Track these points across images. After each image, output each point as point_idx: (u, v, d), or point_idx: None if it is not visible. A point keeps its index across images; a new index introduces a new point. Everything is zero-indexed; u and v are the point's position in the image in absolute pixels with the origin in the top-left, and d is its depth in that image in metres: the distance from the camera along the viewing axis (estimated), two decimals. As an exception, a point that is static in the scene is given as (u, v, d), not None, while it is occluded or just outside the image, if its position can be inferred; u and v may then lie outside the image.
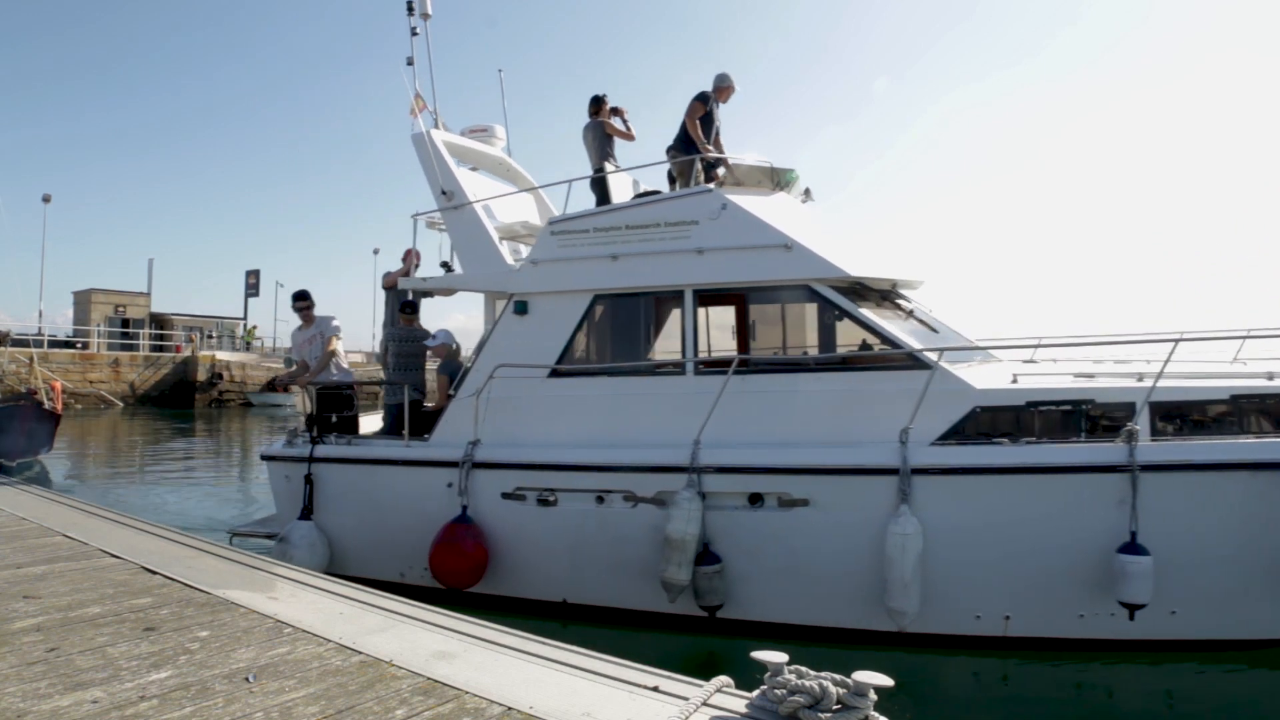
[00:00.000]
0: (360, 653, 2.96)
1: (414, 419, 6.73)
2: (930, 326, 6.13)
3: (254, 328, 43.77)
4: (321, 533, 6.44)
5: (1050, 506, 4.97)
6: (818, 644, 5.33)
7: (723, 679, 2.56)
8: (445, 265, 7.66)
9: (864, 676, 2.26)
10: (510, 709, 2.44)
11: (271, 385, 37.69)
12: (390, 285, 7.92)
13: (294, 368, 7.46)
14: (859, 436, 5.36)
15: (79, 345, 36.72)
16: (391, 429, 6.97)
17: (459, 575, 5.85)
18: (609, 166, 7.27)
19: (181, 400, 35.05)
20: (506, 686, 2.62)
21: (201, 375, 35.87)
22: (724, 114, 7.23)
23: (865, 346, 5.84)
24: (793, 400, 5.66)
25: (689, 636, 5.75)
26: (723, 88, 7.05)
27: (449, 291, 7.61)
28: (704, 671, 2.70)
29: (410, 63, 7.42)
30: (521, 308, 6.42)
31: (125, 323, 41.64)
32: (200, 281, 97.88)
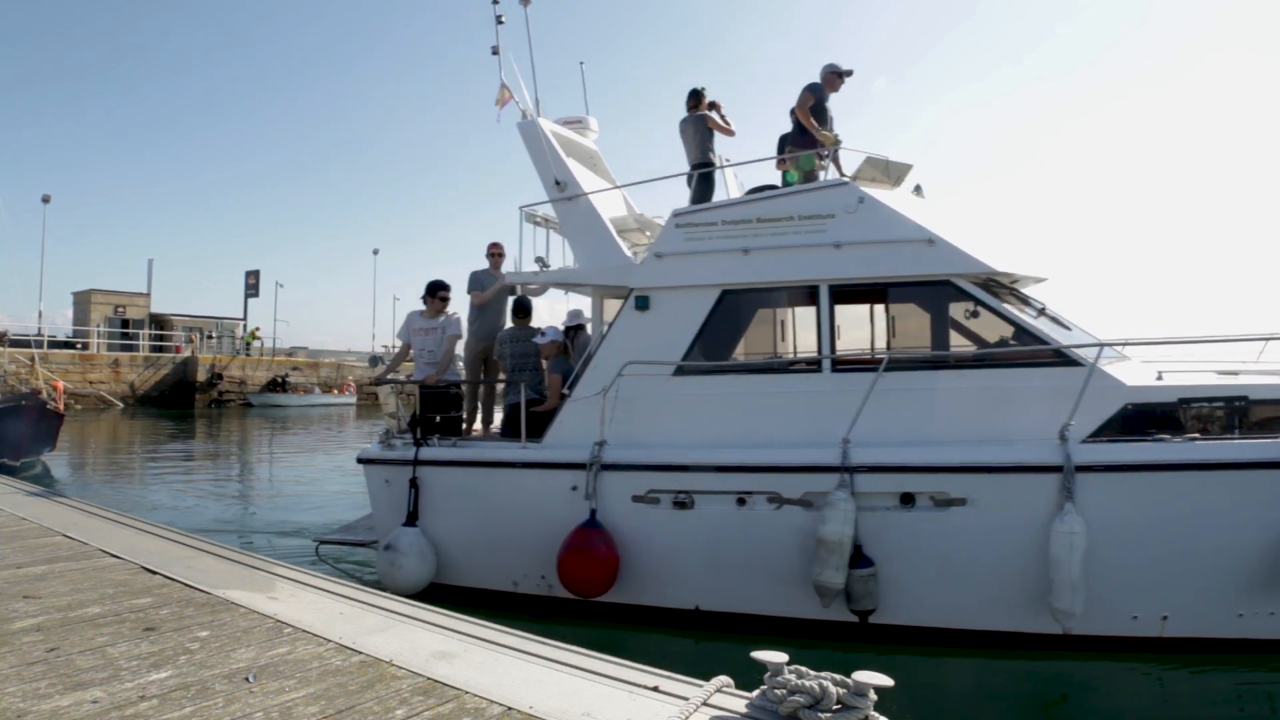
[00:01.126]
0: (360, 653, 2.96)
1: (516, 421, 6.48)
2: (1061, 323, 5.97)
3: (256, 329, 43.74)
4: (428, 540, 6.12)
5: (1211, 504, 4.88)
6: (818, 644, 5.32)
7: (723, 679, 2.56)
8: (540, 261, 7.34)
9: (864, 676, 2.26)
10: (510, 709, 2.44)
11: (273, 385, 37.77)
12: (480, 301, 7.53)
13: (378, 363, 7.10)
14: (1006, 434, 5.24)
15: (79, 346, 36.76)
16: (504, 432, 6.69)
17: (592, 583, 5.58)
18: (714, 160, 7.14)
19: (181, 401, 35.07)
20: (506, 686, 2.62)
21: (202, 376, 35.92)
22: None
23: (1001, 342, 5.70)
24: (937, 398, 5.51)
25: (689, 636, 5.74)
26: (833, 74, 6.83)
27: (538, 290, 7.31)
28: (704, 671, 2.70)
29: (495, 52, 7.16)
30: (643, 303, 6.15)
31: (125, 323, 41.65)
32: (200, 282, 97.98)
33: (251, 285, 46.58)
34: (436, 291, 6.98)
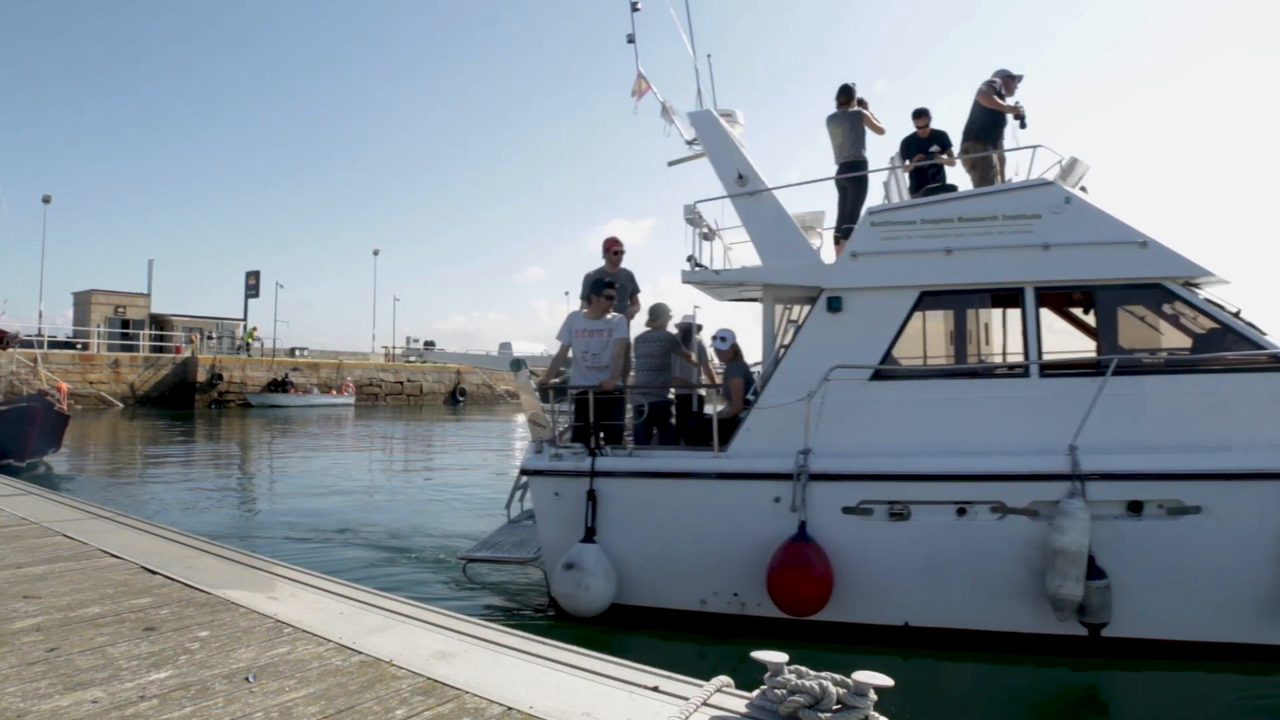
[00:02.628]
0: (360, 653, 2.96)
1: (685, 429, 6.29)
2: (1256, 328, 5.84)
3: (254, 329, 43.77)
4: (609, 557, 5.69)
5: None
6: (818, 645, 5.32)
7: (722, 679, 2.56)
8: (692, 260, 7.14)
9: (864, 676, 2.26)
10: (510, 709, 2.44)
11: (273, 385, 37.86)
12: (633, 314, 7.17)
13: (521, 366, 6.53)
14: (1225, 441, 5.15)
15: (79, 346, 36.79)
16: (637, 437, 6.48)
17: (809, 601, 5.28)
18: (866, 159, 7.10)
19: (181, 401, 35.13)
20: (506, 686, 2.62)
21: (202, 376, 35.96)
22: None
23: (1205, 344, 5.61)
24: (1152, 403, 5.36)
25: (688, 636, 5.74)
26: (1009, 78, 6.76)
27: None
28: (704, 672, 2.70)
29: (630, 40, 6.99)
30: (836, 304, 5.89)
31: (125, 323, 41.70)
32: (200, 282, 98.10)
33: (252, 285, 46.63)
34: (602, 290, 6.52)
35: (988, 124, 6.66)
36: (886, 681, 2.26)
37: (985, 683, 5.22)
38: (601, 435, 5.99)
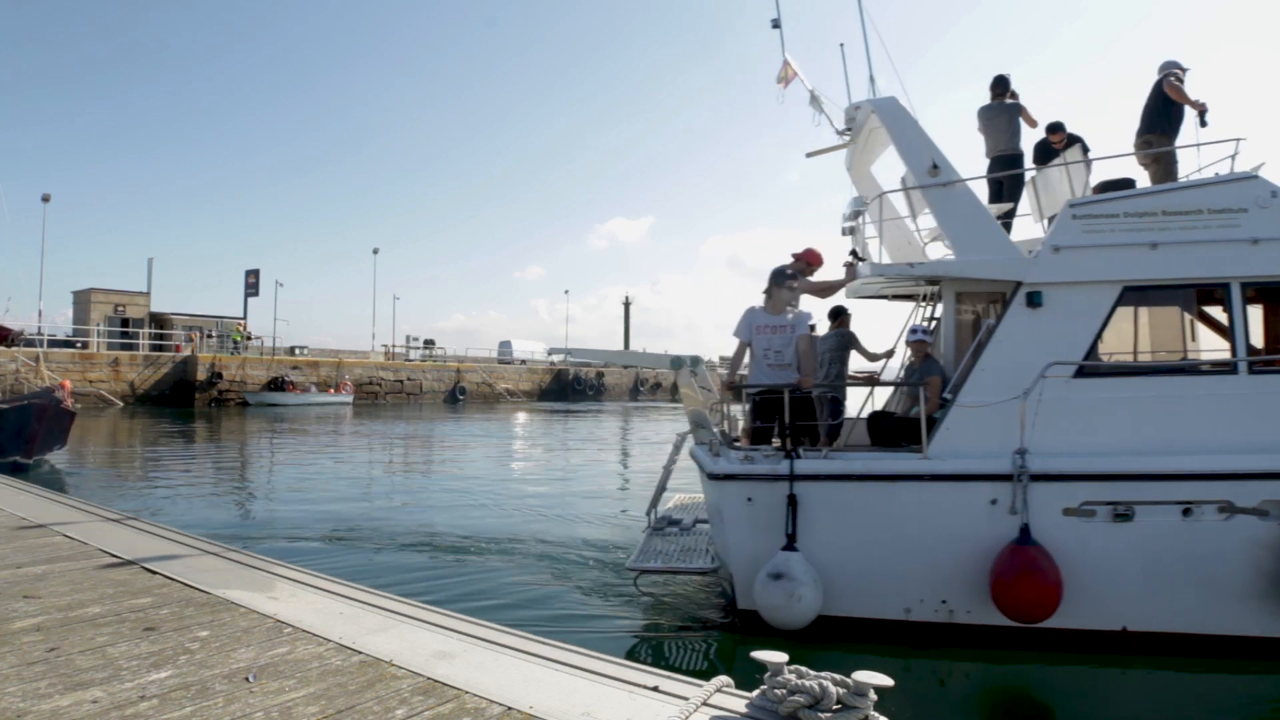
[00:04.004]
0: (360, 652, 2.96)
1: (879, 430, 6.11)
2: None
3: (239, 325, 43.60)
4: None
5: None
6: (818, 645, 5.32)
7: (722, 679, 2.56)
8: (855, 254, 6.89)
9: (864, 676, 2.26)
10: (510, 709, 2.45)
11: (274, 385, 37.88)
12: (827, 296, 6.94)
13: (682, 364, 6.19)
14: None
15: (79, 345, 36.78)
16: (877, 440, 6.25)
17: (1040, 607, 5.06)
18: (1023, 152, 7.01)
19: (181, 400, 35.14)
20: (506, 686, 2.62)
21: (201, 375, 35.97)
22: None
23: None
24: None
25: (687, 637, 5.74)
26: (1183, 69, 6.59)
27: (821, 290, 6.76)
28: (704, 671, 2.70)
29: (776, 25, 6.84)
30: (1036, 299, 5.71)
31: (125, 322, 41.71)
32: (200, 281, 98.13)
33: (251, 284, 46.64)
34: (784, 281, 6.22)
35: (1170, 117, 6.51)
36: (886, 681, 2.26)
37: (985, 682, 5.23)
38: (792, 438, 5.71)
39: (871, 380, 7.07)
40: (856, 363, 7.77)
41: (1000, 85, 7.09)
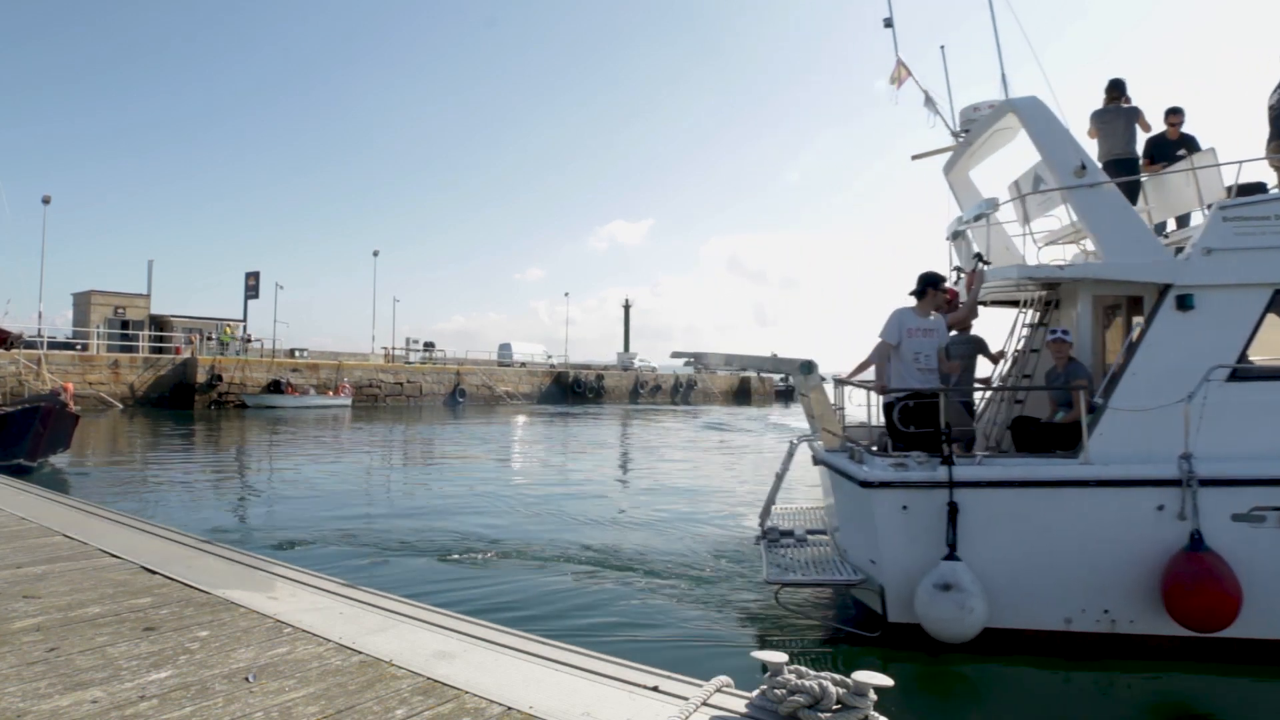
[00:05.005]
0: (360, 652, 2.96)
1: (1027, 434, 5.98)
2: None
3: (228, 328, 43.49)
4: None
5: None
6: (817, 645, 5.32)
7: (722, 679, 2.56)
8: (979, 257, 6.83)
9: (864, 676, 2.26)
10: (510, 709, 2.45)
11: (274, 387, 37.87)
12: (973, 302, 6.86)
13: (813, 369, 6.02)
14: None
15: (78, 347, 36.80)
16: (1023, 445, 6.15)
17: (1217, 615, 4.94)
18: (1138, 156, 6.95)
19: (181, 402, 35.12)
20: (506, 686, 2.62)
21: (201, 377, 35.97)
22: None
23: None
24: None
25: (686, 637, 5.74)
26: None
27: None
28: (704, 671, 2.70)
29: (888, 24, 6.77)
30: (1187, 302, 5.62)
31: (125, 324, 41.70)
32: (200, 282, 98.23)
33: (251, 286, 46.66)
34: (939, 285, 6.10)
35: None
36: (886, 681, 2.26)
37: (985, 682, 5.22)
38: (948, 443, 5.53)
39: (1022, 385, 6.94)
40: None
41: (1116, 89, 7.05)
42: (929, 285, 6.14)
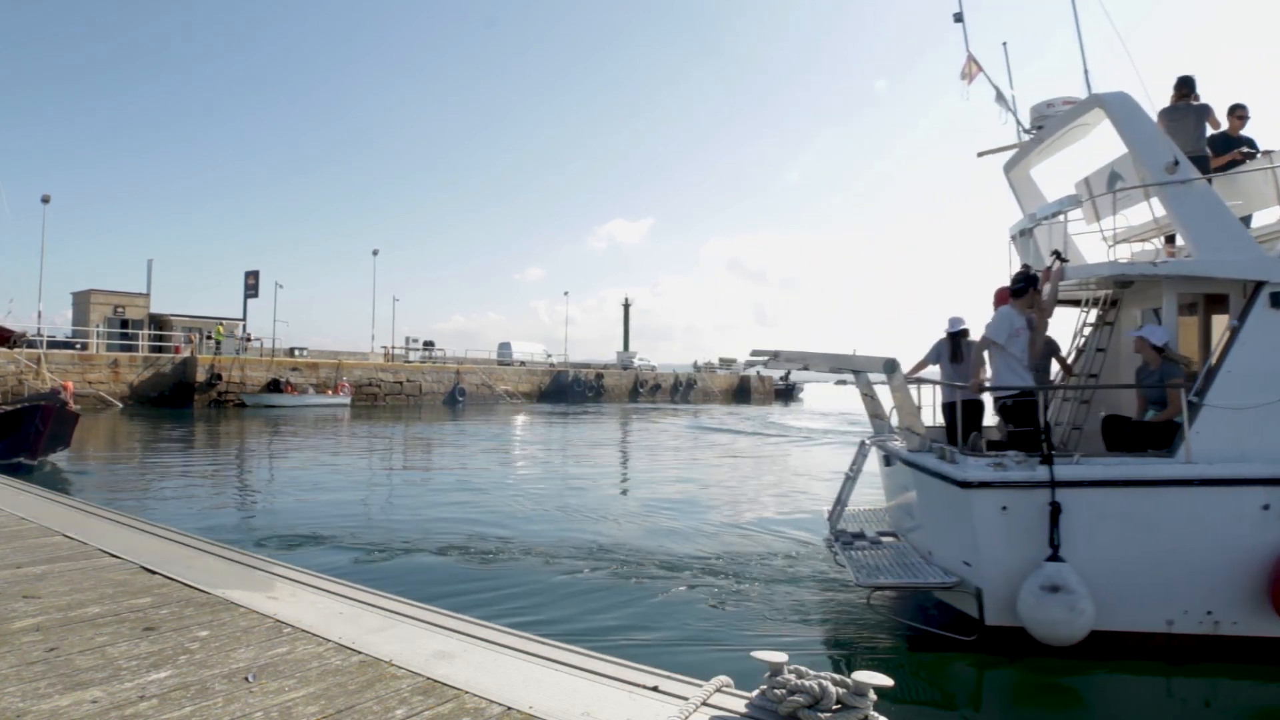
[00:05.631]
0: (360, 652, 2.96)
1: (1120, 433, 5.90)
2: None
3: (220, 327, 43.41)
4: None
5: None
6: (817, 645, 5.32)
7: (722, 679, 2.56)
8: (1058, 255, 6.80)
9: (863, 676, 2.26)
10: (510, 709, 2.44)
11: (274, 386, 37.88)
12: (1050, 300, 6.64)
13: (896, 368, 5.92)
14: None
15: (78, 346, 36.80)
16: (1114, 445, 6.04)
17: None
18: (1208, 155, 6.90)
19: (180, 401, 35.12)
20: (506, 686, 2.62)
21: (201, 376, 35.96)
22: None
23: None
24: None
25: (685, 637, 5.74)
26: None
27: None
28: (703, 671, 2.70)
29: (958, 18, 6.70)
30: None
31: (124, 323, 41.70)
32: (200, 281, 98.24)
33: (251, 285, 46.67)
34: (1038, 284, 6.04)
35: None
36: (886, 681, 2.26)
37: (985, 683, 5.22)
38: (1047, 441, 5.50)
39: (1108, 384, 6.93)
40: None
41: (1185, 86, 7.00)
42: (1030, 284, 6.04)
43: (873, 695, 2.24)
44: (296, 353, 45.30)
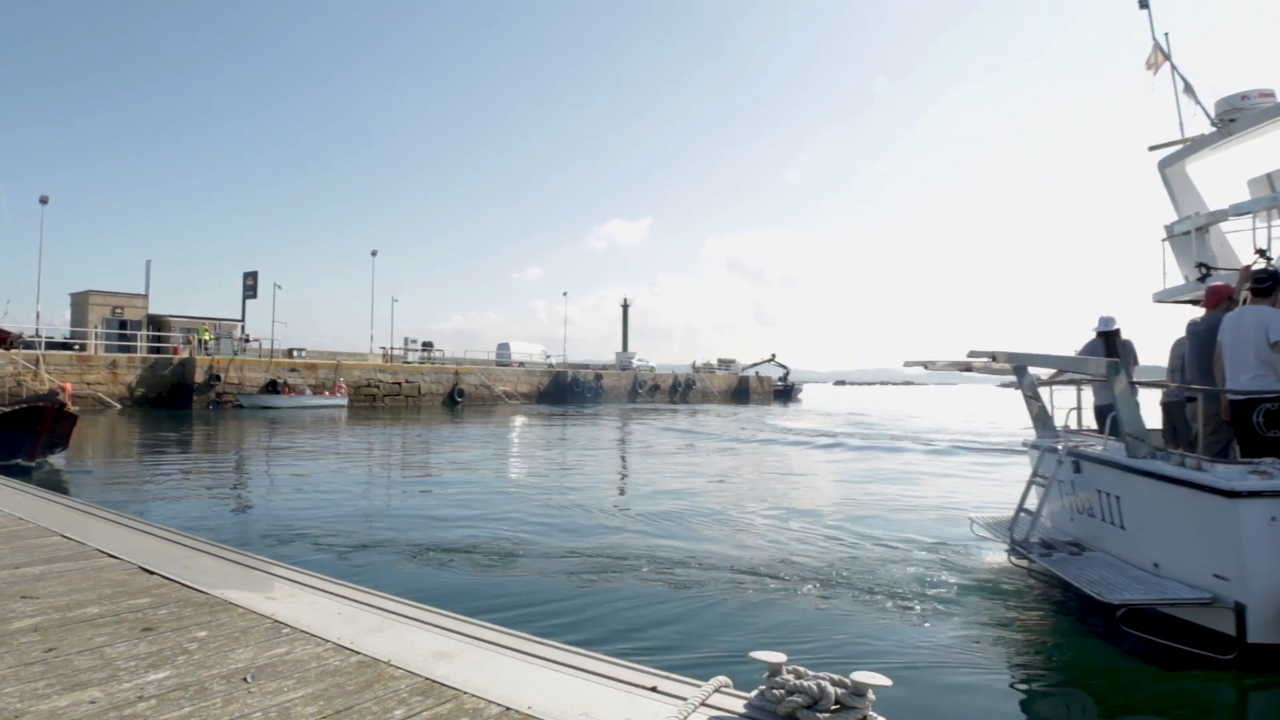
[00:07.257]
0: (358, 653, 2.96)
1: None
2: None
3: (204, 327, 43.25)
4: None
5: None
6: (817, 645, 5.32)
7: (721, 679, 2.56)
8: (1261, 253, 6.63)
9: (862, 676, 2.26)
10: (508, 709, 2.45)
11: (273, 387, 37.85)
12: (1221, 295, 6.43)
13: (1118, 371, 5.75)
14: None
15: (76, 347, 36.77)
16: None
17: None
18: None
19: (179, 402, 35.10)
20: (505, 686, 2.62)
21: (199, 377, 35.94)
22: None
23: None
24: None
25: (685, 637, 5.73)
26: None
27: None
28: (702, 671, 2.70)
29: (1143, 4, 6.52)
30: None
31: (123, 324, 41.64)
32: (199, 282, 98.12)
33: (249, 286, 46.63)
34: (1265, 284, 5.88)
35: None
36: (885, 682, 2.26)
37: (985, 683, 5.22)
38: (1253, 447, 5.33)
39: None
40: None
41: None
42: (1277, 281, 5.85)
43: (872, 695, 2.25)
44: (295, 353, 45.26)
